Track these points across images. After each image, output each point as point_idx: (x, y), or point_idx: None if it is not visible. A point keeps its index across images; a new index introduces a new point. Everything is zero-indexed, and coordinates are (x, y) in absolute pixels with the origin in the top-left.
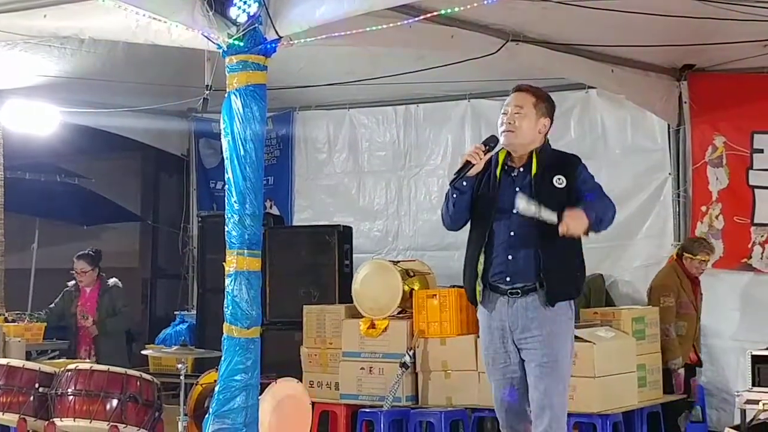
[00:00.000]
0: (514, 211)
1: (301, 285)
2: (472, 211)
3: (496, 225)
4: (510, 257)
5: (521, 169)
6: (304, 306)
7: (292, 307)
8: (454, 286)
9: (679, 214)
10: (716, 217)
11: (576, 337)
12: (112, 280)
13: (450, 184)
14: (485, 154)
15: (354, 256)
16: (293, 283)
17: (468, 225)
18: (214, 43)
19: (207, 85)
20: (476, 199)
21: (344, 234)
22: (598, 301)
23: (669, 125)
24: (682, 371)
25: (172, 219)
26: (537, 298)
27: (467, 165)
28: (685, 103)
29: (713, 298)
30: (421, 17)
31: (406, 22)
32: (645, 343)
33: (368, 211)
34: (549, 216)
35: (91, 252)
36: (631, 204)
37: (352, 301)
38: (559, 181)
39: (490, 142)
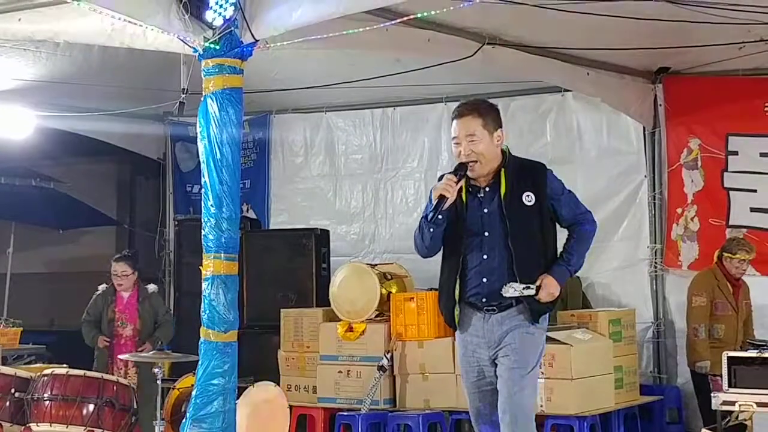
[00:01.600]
0: (485, 234)
1: (278, 288)
2: (443, 238)
3: (468, 250)
4: (485, 280)
5: (487, 189)
6: (282, 309)
7: (269, 311)
8: (431, 289)
9: (654, 217)
10: (692, 219)
11: (553, 340)
12: (151, 287)
13: (428, 220)
14: (457, 184)
15: (331, 259)
16: (270, 286)
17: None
18: (190, 46)
19: (183, 89)
20: (446, 225)
21: (321, 237)
22: (574, 303)
23: (644, 128)
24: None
25: (149, 223)
26: (512, 312)
27: (442, 200)
28: (661, 105)
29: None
30: (398, 20)
31: (383, 25)
32: (622, 345)
33: (345, 215)
34: (530, 291)
35: (129, 253)
36: (607, 206)
37: (329, 305)
38: (528, 199)
39: (460, 170)
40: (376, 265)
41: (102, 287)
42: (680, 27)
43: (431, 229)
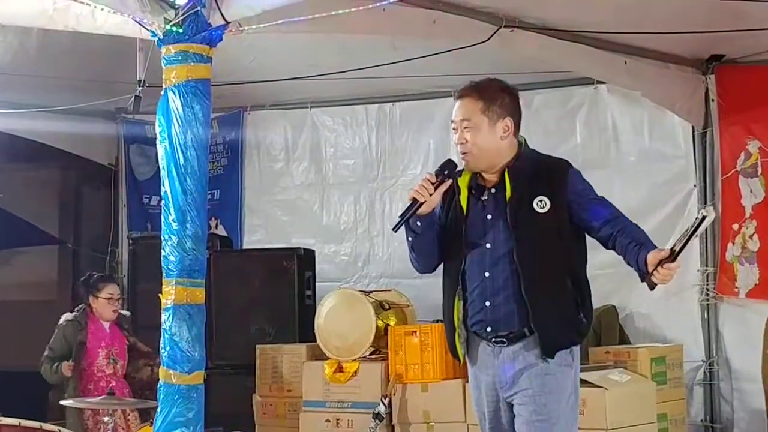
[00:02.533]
0: (487, 246)
1: (253, 320)
2: (442, 249)
3: (468, 265)
4: (488, 304)
5: (493, 191)
6: (257, 346)
7: (242, 348)
8: (437, 321)
9: (706, 234)
10: (750, 237)
11: (584, 382)
12: (125, 311)
13: (392, 228)
14: (440, 185)
15: (317, 285)
16: (244, 318)
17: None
18: (147, 29)
19: (139, 81)
20: (443, 233)
21: (305, 259)
22: (610, 338)
23: (693, 127)
24: None
25: (98, 241)
26: (527, 345)
27: (414, 203)
28: (713, 101)
29: (745, 334)
30: None
31: (379, 4)
32: (666, 389)
33: (334, 232)
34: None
35: (108, 273)
36: (649, 222)
37: (314, 340)
38: (541, 204)
39: (447, 168)
40: (371, 291)
41: (67, 316)
42: (738, 6)
43: (410, 238)
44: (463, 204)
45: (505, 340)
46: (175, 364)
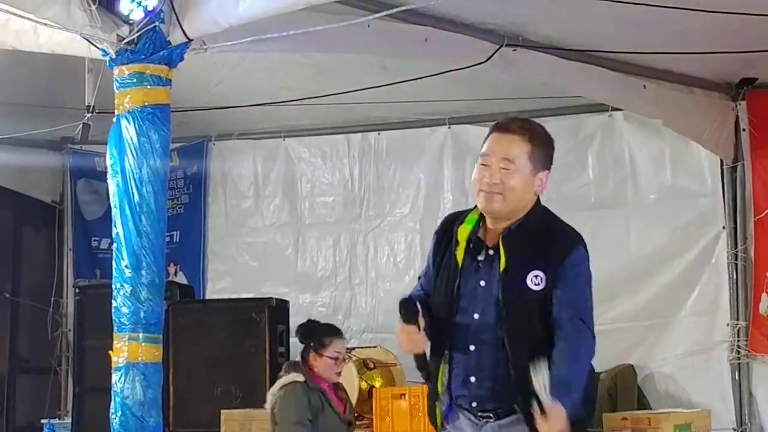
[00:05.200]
0: (475, 316)
1: (217, 381)
2: (432, 303)
3: (456, 328)
4: (473, 380)
5: (491, 252)
6: (222, 411)
7: (205, 412)
8: None
9: (737, 283)
10: None
11: None
12: None
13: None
14: (420, 331)
15: (291, 340)
16: (207, 378)
17: None
18: (97, 47)
19: (88, 106)
20: (432, 286)
21: (277, 310)
22: (627, 402)
23: (722, 161)
24: None
25: (39, 290)
26: (517, 420)
27: (420, 356)
28: (744, 130)
29: None
30: (384, 12)
31: (363, 19)
32: None
33: (310, 279)
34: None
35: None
36: (671, 269)
37: None
38: (537, 281)
39: (411, 311)
40: (353, 348)
41: (292, 377)
42: None
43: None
44: (459, 259)
45: (492, 415)
46: None
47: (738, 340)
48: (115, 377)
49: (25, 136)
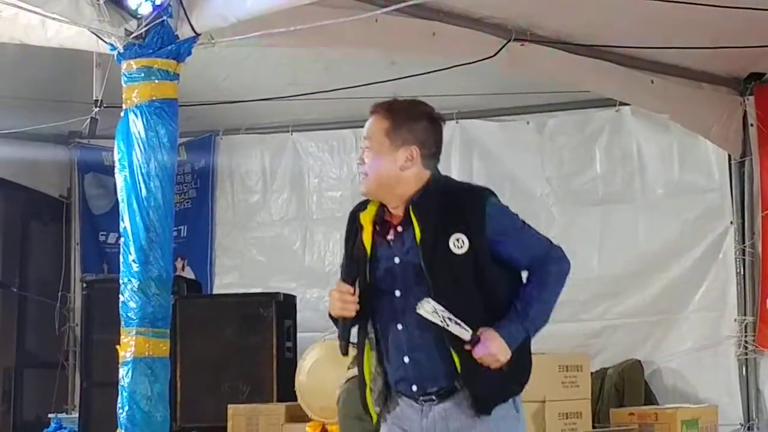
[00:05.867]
0: (396, 294)
1: (224, 377)
2: None
3: (378, 314)
4: (406, 360)
5: (399, 229)
6: (230, 406)
7: (212, 408)
8: None
9: (744, 278)
10: None
11: None
12: None
13: (343, 354)
14: (353, 295)
15: (298, 335)
16: (214, 373)
17: None
18: (105, 42)
19: (96, 101)
20: (348, 273)
21: (284, 305)
22: (634, 397)
23: (730, 156)
24: None
25: (46, 285)
26: (459, 401)
27: (346, 321)
28: (752, 125)
29: None
30: (392, 7)
31: (371, 14)
32: None
33: (318, 274)
34: (460, 331)
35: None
36: (679, 264)
37: (296, 399)
38: (459, 244)
39: (350, 269)
40: None
41: None
42: None
43: (344, 342)
44: (367, 244)
45: (434, 397)
46: (134, 427)
47: (745, 336)
48: (122, 372)
49: (33, 131)
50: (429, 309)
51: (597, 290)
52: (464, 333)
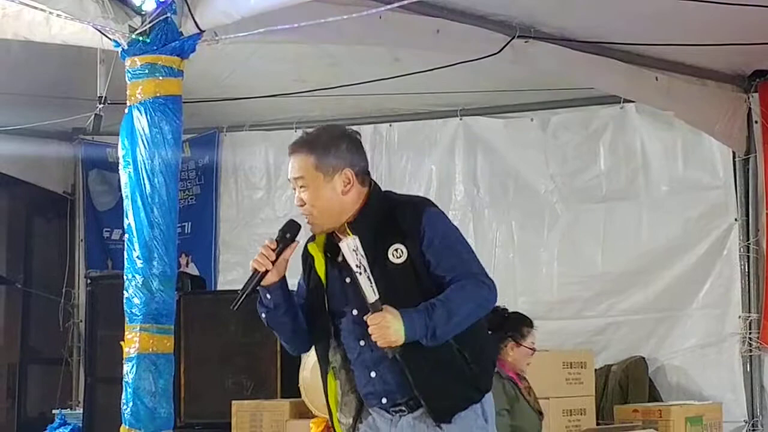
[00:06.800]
0: (354, 312)
1: (228, 373)
2: (310, 327)
3: (343, 334)
4: (373, 375)
5: None
6: (234, 401)
7: (216, 403)
8: None
9: (749, 275)
10: None
11: None
12: None
13: (231, 306)
14: (284, 250)
15: None
16: (218, 369)
17: None
18: (109, 38)
19: (100, 97)
20: (310, 310)
21: None
22: (638, 394)
23: (734, 153)
24: None
25: (51, 281)
26: (425, 411)
27: (255, 274)
28: (756, 122)
29: None
30: (396, 4)
31: (375, 11)
32: None
33: None
34: (367, 288)
35: None
36: (683, 261)
37: (299, 395)
38: (398, 254)
39: (289, 230)
40: None
41: None
42: None
43: (263, 314)
44: (320, 272)
45: (404, 408)
46: (139, 423)
47: (750, 333)
48: (126, 368)
49: (37, 127)
50: (351, 246)
51: (601, 287)
52: (371, 293)
